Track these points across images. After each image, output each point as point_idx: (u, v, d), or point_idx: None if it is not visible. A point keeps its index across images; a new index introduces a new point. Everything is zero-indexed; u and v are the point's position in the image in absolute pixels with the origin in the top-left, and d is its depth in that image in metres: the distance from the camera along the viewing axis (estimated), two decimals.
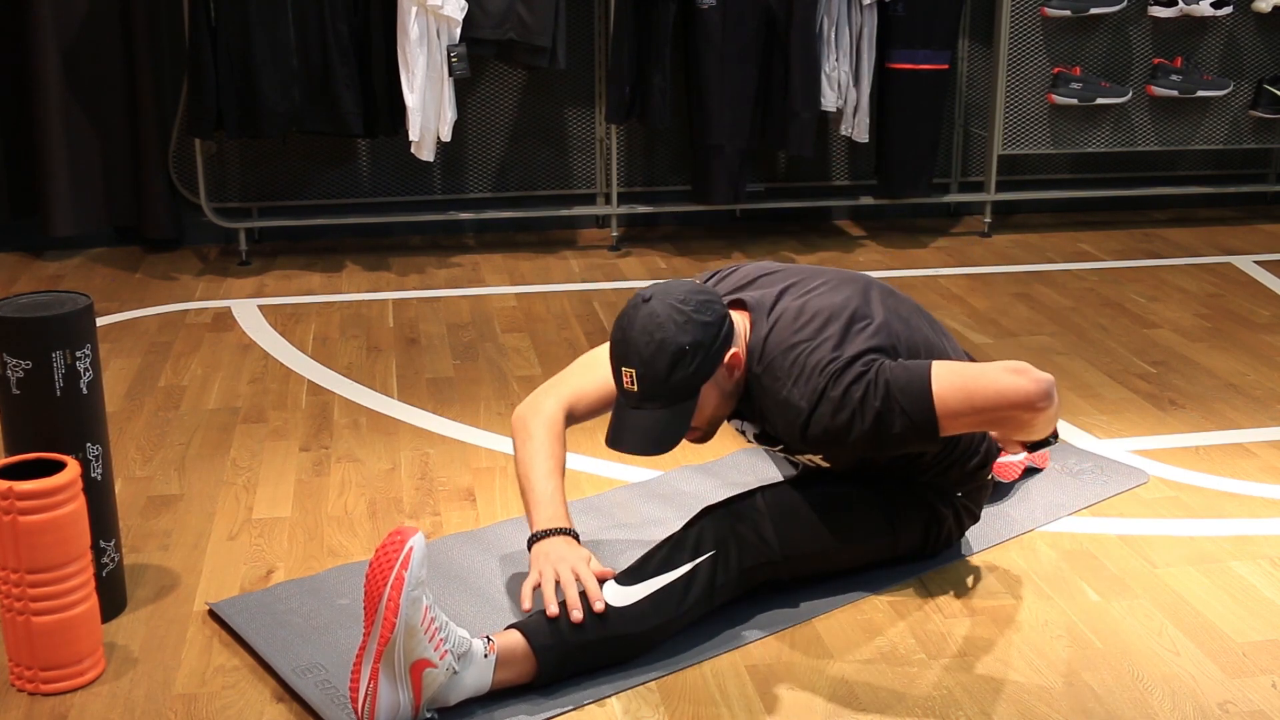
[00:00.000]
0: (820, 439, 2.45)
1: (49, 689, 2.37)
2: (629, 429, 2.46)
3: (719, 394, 2.50)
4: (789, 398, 2.46)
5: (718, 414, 2.54)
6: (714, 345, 2.43)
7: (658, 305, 2.41)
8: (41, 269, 5.06)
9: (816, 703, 2.36)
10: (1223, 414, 3.63)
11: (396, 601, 2.15)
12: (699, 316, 2.42)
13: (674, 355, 2.39)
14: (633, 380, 2.42)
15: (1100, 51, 5.64)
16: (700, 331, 2.41)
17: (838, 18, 5.10)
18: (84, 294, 2.54)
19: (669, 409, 2.43)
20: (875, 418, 2.40)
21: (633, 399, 2.45)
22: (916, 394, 2.38)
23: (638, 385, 2.42)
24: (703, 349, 2.41)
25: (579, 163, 5.58)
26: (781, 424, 2.50)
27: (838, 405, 2.41)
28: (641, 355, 2.40)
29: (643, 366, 2.40)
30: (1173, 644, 2.54)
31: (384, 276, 4.98)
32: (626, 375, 2.43)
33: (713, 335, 2.43)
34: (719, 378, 2.47)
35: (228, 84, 4.75)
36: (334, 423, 3.58)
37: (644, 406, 2.44)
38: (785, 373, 2.47)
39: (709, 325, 2.42)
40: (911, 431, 2.40)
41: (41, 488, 2.29)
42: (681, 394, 2.43)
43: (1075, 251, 5.33)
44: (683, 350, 2.39)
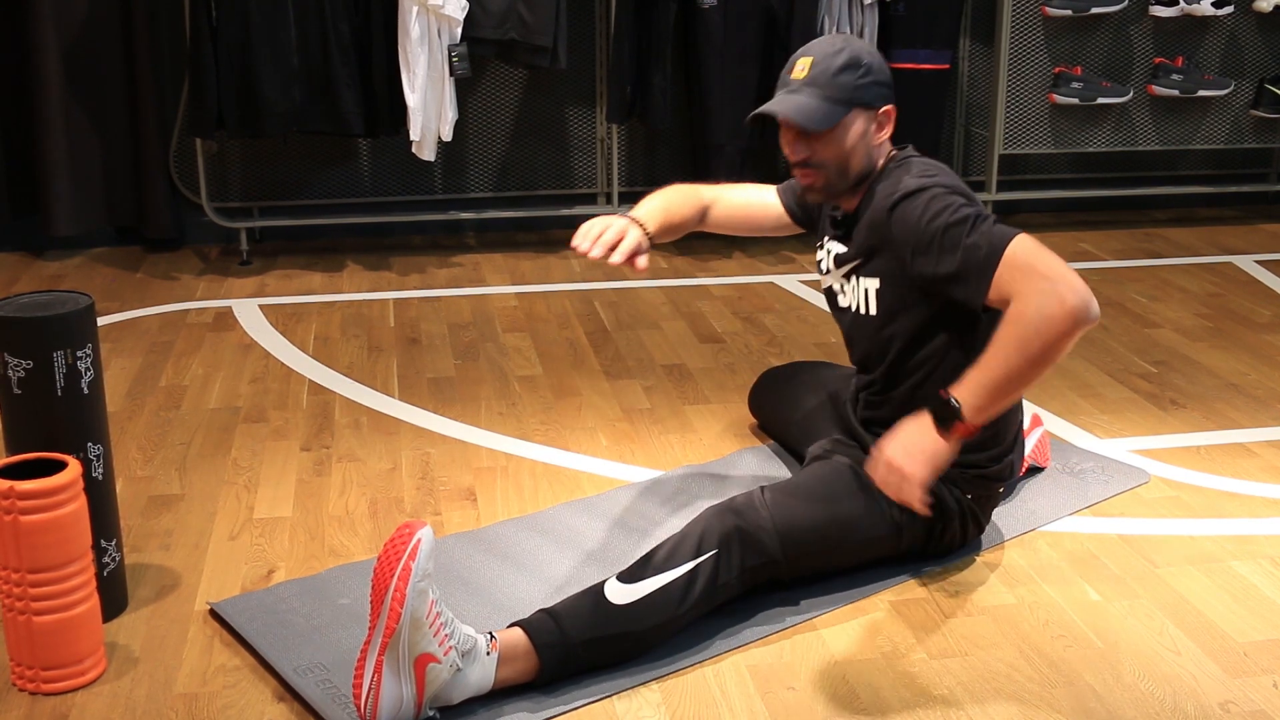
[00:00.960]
0: (901, 220, 2.57)
1: (50, 689, 2.37)
2: (780, 100, 2.65)
3: (862, 132, 2.66)
4: (897, 183, 2.62)
5: (851, 156, 2.67)
6: (882, 85, 2.67)
7: (855, 38, 2.72)
8: (42, 268, 5.06)
9: (817, 702, 2.36)
10: (1224, 414, 3.63)
11: (403, 593, 2.15)
12: (884, 65, 2.68)
13: (851, 59, 2.62)
14: (805, 68, 2.64)
15: (1101, 51, 5.64)
16: (879, 66, 2.66)
17: (839, 17, 5.10)
18: (85, 294, 2.54)
19: (824, 102, 2.61)
20: (958, 219, 2.49)
21: (794, 85, 2.65)
22: (1000, 229, 2.46)
23: (808, 72, 2.63)
24: (873, 75, 2.64)
25: (580, 162, 5.59)
26: (880, 201, 2.64)
27: (932, 197, 2.54)
28: (824, 49, 2.65)
29: (820, 57, 2.63)
30: (1174, 643, 2.54)
31: (385, 276, 4.98)
32: (801, 65, 2.66)
33: (885, 78, 2.67)
34: (871, 118, 2.66)
35: (228, 83, 4.75)
36: (335, 422, 3.58)
37: (802, 92, 2.63)
38: (903, 172, 2.65)
39: (886, 71, 2.68)
40: (977, 250, 2.45)
41: (43, 487, 2.29)
42: (841, 94, 2.62)
43: (1076, 251, 5.33)
44: (859, 61, 2.63)
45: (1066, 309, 2.32)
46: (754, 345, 4.17)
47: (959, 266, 2.47)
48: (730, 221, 3.14)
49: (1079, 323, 2.34)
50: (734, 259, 5.18)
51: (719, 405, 3.68)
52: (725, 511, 2.56)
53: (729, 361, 4.01)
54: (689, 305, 4.61)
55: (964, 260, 2.46)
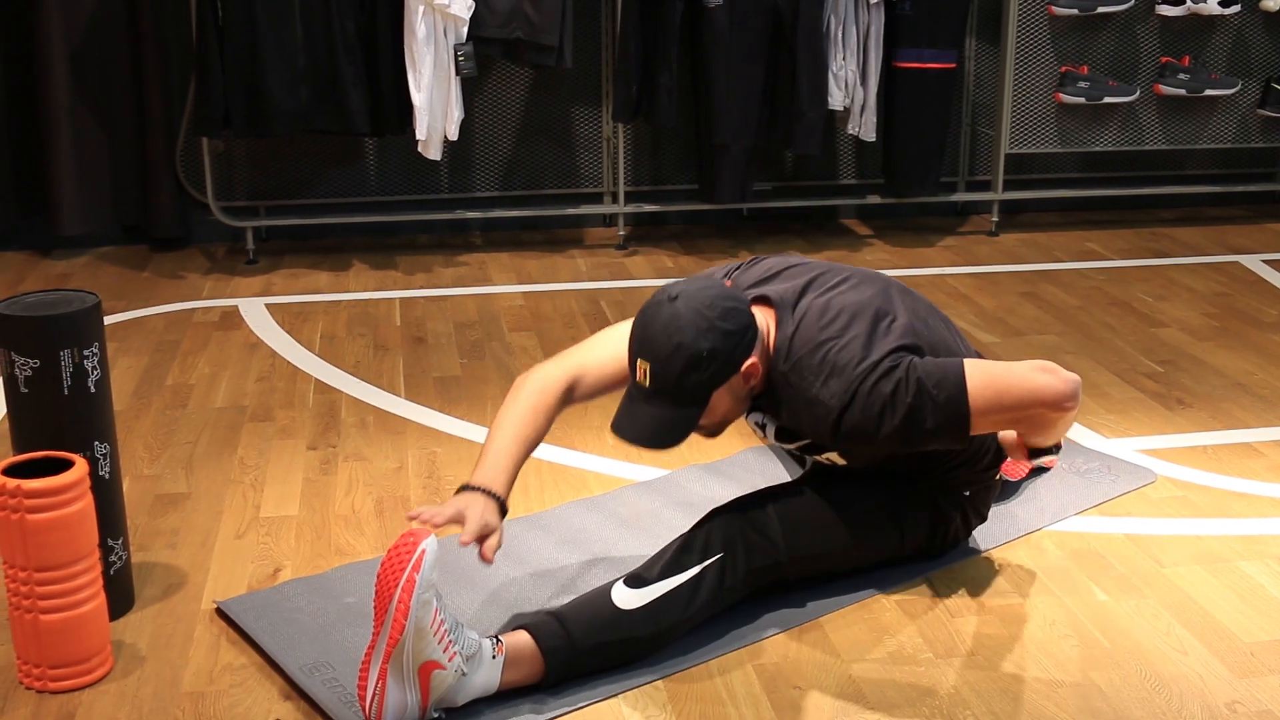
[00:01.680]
0: (851, 436, 2.46)
1: (57, 687, 2.38)
2: (635, 419, 2.46)
3: (731, 399, 2.49)
4: (819, 395, 2.46)
5: (728, 416, 2.54)
6: (733, 354, 2.42)
7: (682, 306, 2.40)
8: (49, 268, 5.07)
9: (824, 702, 2.36)
10: (1230, 413, 3.63)
11: (407, 604, 2.15)
12: (721, 324, 2.40)
13: (690, 360, 2.38)
14: (645, 375, 2.42)
15: (1108, 50, 5.63)
16: (720, 340, 2.40)
17: (845, 16, 5.10)
18: (91, 292, 2.54)
19: (677, 409, 2.43)
20: (907, 414, 2.40)
21: (643, 392, 2.45)
22: (950, 391, 2.39)
23: (650, 381, 2.42)
24: (720, 356, 2.40)
25: (586, 162, 5.58)
26: (810, 421, 2.50)
27: (869, 402, 2.41)
28: (658, 353, 2.40)
29: (657, 364, 2.40)
30: (1180, 643, 2.53)
31: (391, 275, 4.98)
32: (641, 368, 2.43)
33: (733, 344, 2.42)
34: (733, 384, 2.46)
35: (235, 83, 4.75)
36: (341, 421, 3.58)
37: (652, 402, 2.44)
38: (814, 371, 2.47)
39: (730, 334, 2.41)
40: (942, 428, 2.41)
41: (49, 486, 2.29)
42: (692, 398, 2.43)
43: (1082, 250, 5.32)
44: (699, 356, 2.38)
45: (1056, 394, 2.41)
46: None
47: (938, 439, 2.46)
48: (600, 391, 2.69)
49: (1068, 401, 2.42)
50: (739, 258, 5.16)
51: None
52: (730, 514, 2.56)
53: None
54: None
55: (931, 438, 2.45)
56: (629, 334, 2.49)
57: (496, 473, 2.46)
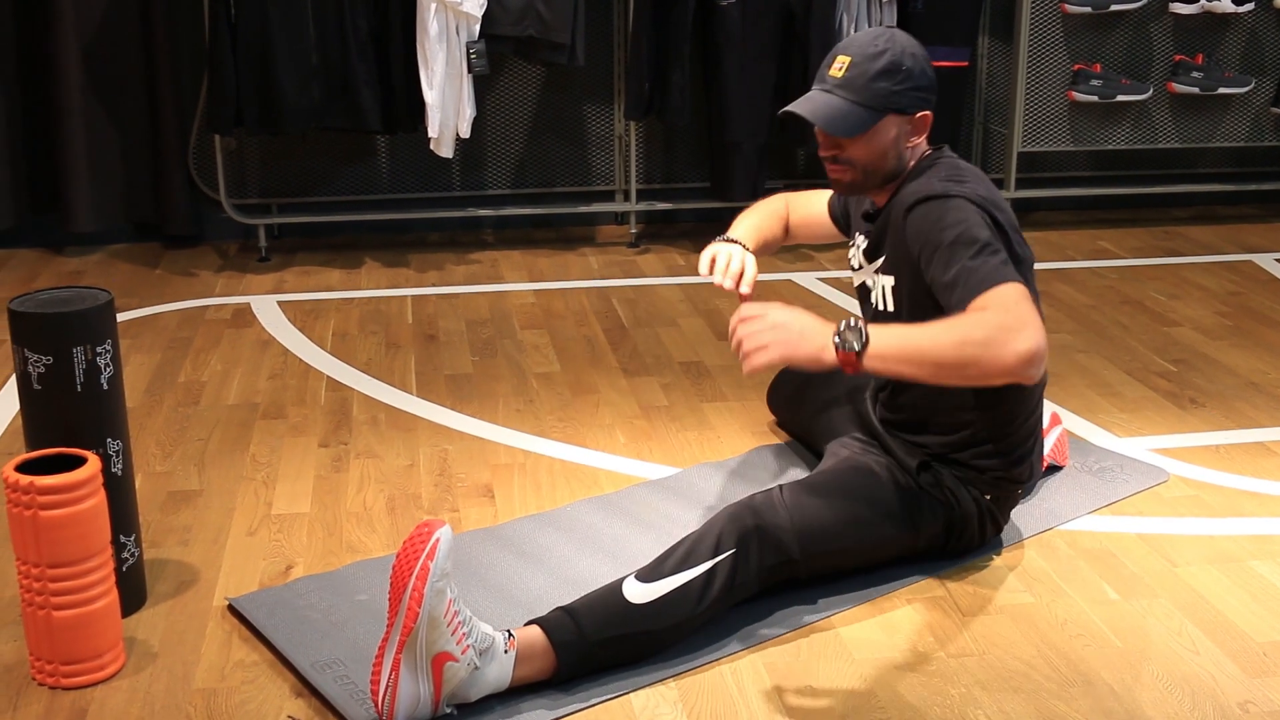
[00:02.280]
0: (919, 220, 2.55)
1: (69, 683, 2.38)
2: (811, 101, 2.62)
3: (896, 135, 2.63)
4: (932, 185, 2.59)
5: (882, 159, 2.65)
6: (922, 89, 2.62)
7: (898, 32, 2.65)
8: (62, 265, 5.08)
9: (835, 701, 2.36)
10: (1243, 413, 3.62)
11: (421, 592, 2.15)
12: (924, 64, 2.62)
13: (890, 64, 2.57)
14: (843, 67, 2.59)
15: (1121, 48, 5.62)
16: (920, 70, 2.60)
17: (857, 14, 5.09)
18: (104, 290, 2.54)
19: (856, 106, 2.58)
20: (968, 240, 2.45)
21: (831, 82, 2.61)
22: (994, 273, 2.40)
23: (844, 71, 2.59)
24: (912, 81, 2.58)
25: (598, 159, 5.59)
26: (907, 195, 2.61)
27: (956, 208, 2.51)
28: (865, 50, 2.59)
29: (860, 58, 2.59)
30: (1192, 643, 2.53)
31: (403, 273, 4.99)
32: (839, 63, 2.61)
33: (925, 82, 2.62)
34: (904, 125, 2.63)
35: (247, 80, 4.76)
36: (353, 419, 3.59)
37: (836, 93, 2.59)
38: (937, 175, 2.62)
39: (927, 74, 2.62)
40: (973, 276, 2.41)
41: (62, 483, 2.29)
42: (875, 100, 2.58)
43: (1095, 249, 5.31)
44: (899, 66, 2.57)
45: (1016, 349, 2.27)
46: None
47: (952, 278, 2.44)
48: (801, 233, 3.19)
49: (1017, 367, 2.28)
50: None
51: (736, 403, 3.68)
52: (743, 511, 2.56)
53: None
54: (706, 303, 4.61)
55: (958, 275, 2.43)
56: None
57: (746, 229, 2.98)
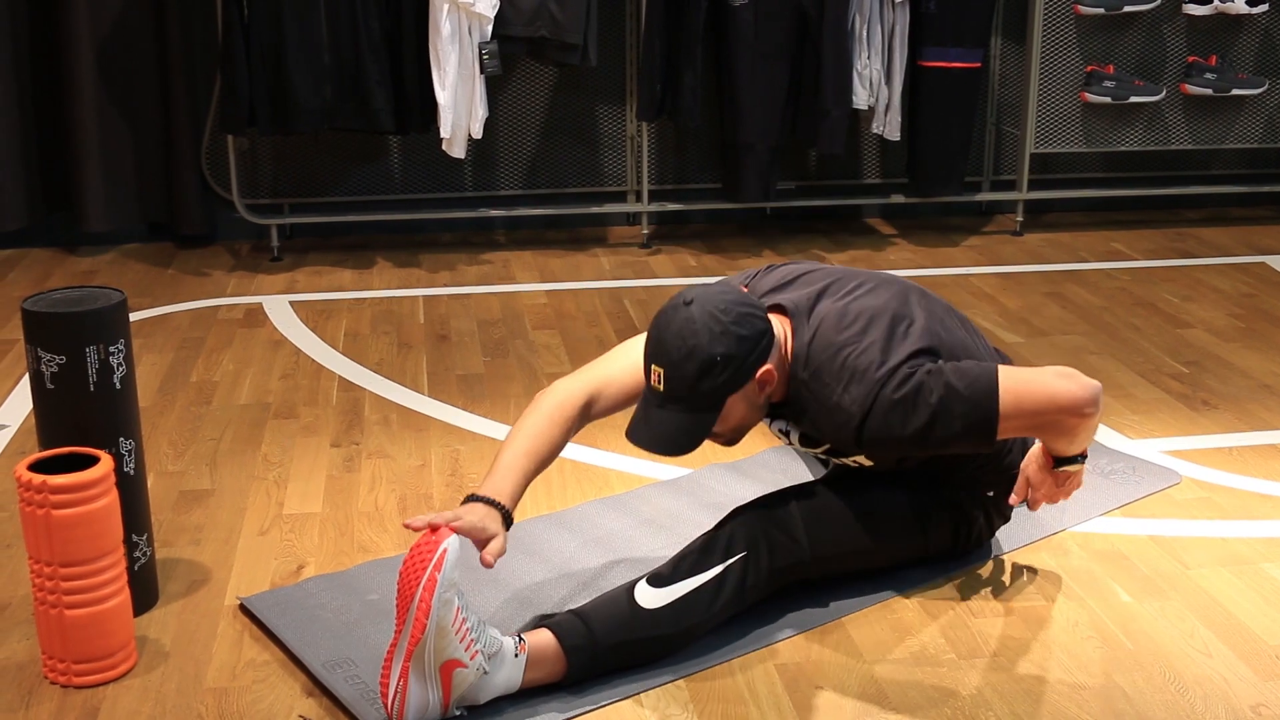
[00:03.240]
0: (874, 441, 2.44)
1: (81, 682, 2.39)
2: (649, 425, 2.45)
3: (747, 406, 2.48)
4: (840, 402, 2.44)
5: (744, 423, 2.53)
6: (748, 359, 2.41)
7: (697, 311, 2.39)
8: (75, 264, 5.09)
9: (846, 702, 2.36)
10: (1256, 414, 3.61)
11: (428, 603, 2.16)
12: (736, 329, 2.39)
13: (703, 364, 2.37)
14: (660, 380, 2.41)
15: (1134, 49, 5.61)
16: (735, 345, 2.39)
17: (870, 15, 5.09)
18: (117, 289, 2.55)
19: (691, 414, 2.42)
20: (931, 416, 2.39)
21: (657, 397, 2.44)
22: (981, 394, 2.38)
23: (664, 385, 2.41)
24: (734, 362, 2.39)
25: (610, 160, 5.59)
26: (832, 428, 2.48)
27: (892, 407, 2.40)
28: (671, 358, 2.39)
29: (671, 369, 2.39)
30: (1205, 646, 2.52)
31: (415, 273, 4.99)
32: (655, 373, 2.42)
33: (747, 349, 2.41)
34: (748, 391, 2.45)
35: (260, 81, 4.77)
36: (365, 419, 3.59)
37: (666, 407, 2.43)
38: (834, 377, 2.45)
39: (745, 339, 2.40)
40: (970, 430, 2.40)
41: (75, 482, 2.30)
42: (706, 403, 2.42)
43: (1108, 251, 5.30)
44: (713, 361, 2.37)
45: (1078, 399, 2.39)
46: None
47: (963, 441, 2.43)
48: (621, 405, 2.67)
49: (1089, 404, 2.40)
50: (763, 257, 5.17)
51: None
52: (753, 513, 2.56)
53: None
54: None
55: (955, 442, 2.43)
56: (645, 339, 2.48)
57: (503, 483, 2.42)
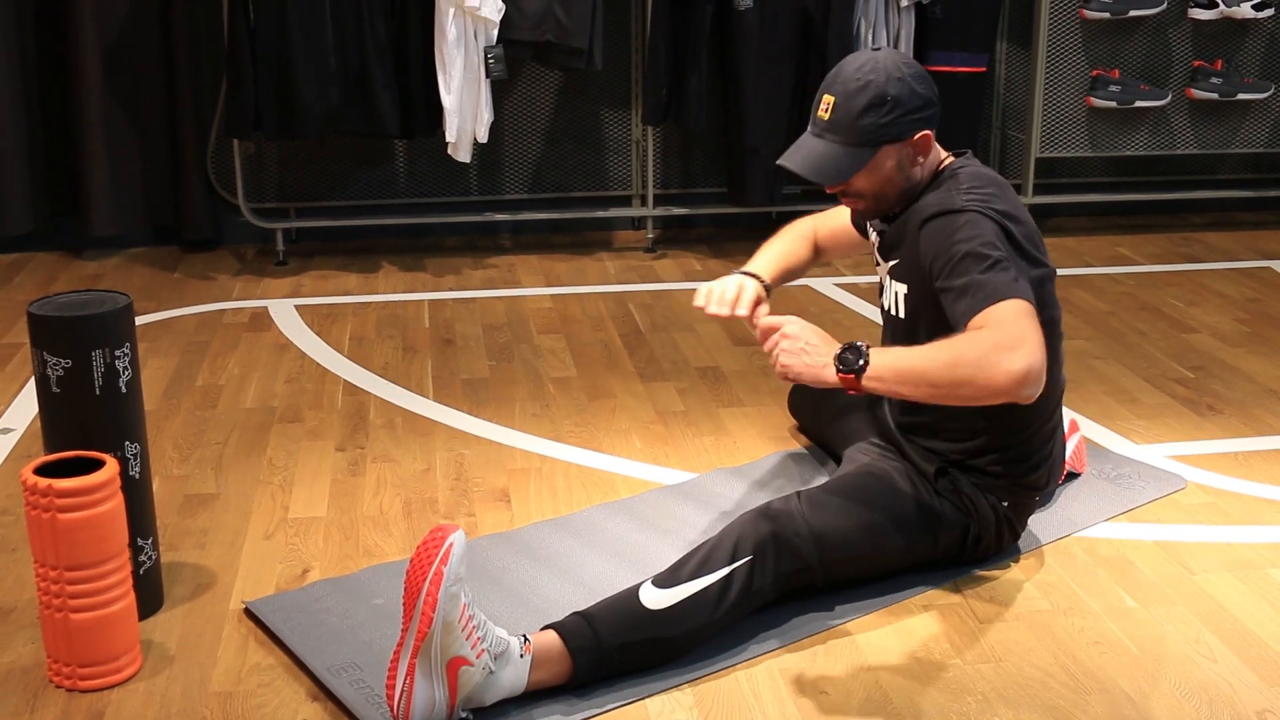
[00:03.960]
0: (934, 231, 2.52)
1: (86, 686, 2.39)
2: (802, 150, 2.58)
3: (896, 163, 2.58)
4: (950, 198, 2.54)
5: (888, 185, 2.61)
6: (915, 112, 2.54)
7: (884, 55, 2.54)
8: (81, 268, 5.10)
9: (851, 707, 2.35)
10: (1262, 419, 3.60)
11: (435, 597, 2.16)
12: (914, 83, 2.53)
13: (874, 98, 2.50)
14: (828, 108, 2.54)
15: (1139, 54, 5.60)
16: (909, 93, 2.52)
17: (875, 20, 5.09)
18: (123, 293, 2.55)
19: (847, 148, 2.52)
20: (980, 255, 2.42)
21: (819, 125, 2.56)
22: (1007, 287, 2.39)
23: (830, 113, 2.53)
24: (901, 108, 2.51)
25: (615, 164, 5.59)
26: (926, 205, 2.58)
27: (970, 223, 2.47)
28: (846, 86, 2.52)
29: (842, 97, 2.52)
30: (1210, 651, 2.52)
31: (420, 277, 5.00)
32: (825, 102, 2.55)
33: (918, 104, 2.55)
34: (904, 149, 2.56)
35: (265, 85, 4.77)
36: (370, 423, 3.59)
37: (825, 137, 2.54)
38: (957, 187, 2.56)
39: (918, 94, 2.55)
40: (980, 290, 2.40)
41: (80, 486, 2.30)
42: (864, 138, 2.52)
43: (1113, 255, 5.30)
44: (884, 98, 2.49)
45: (1007, 369, 2.29)
46: None
47: (957, 293, 2.45)
48: (831, 248, 3.16)
49: (1009, 386, 2.30)
50: None
51: (753, 408, 3.67)
52: (760, 517, 2.56)
53: (763, 364, 4.01)
54: None
55: (963, 289, 2.44)
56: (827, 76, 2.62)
57: (763, 262, 2.95)
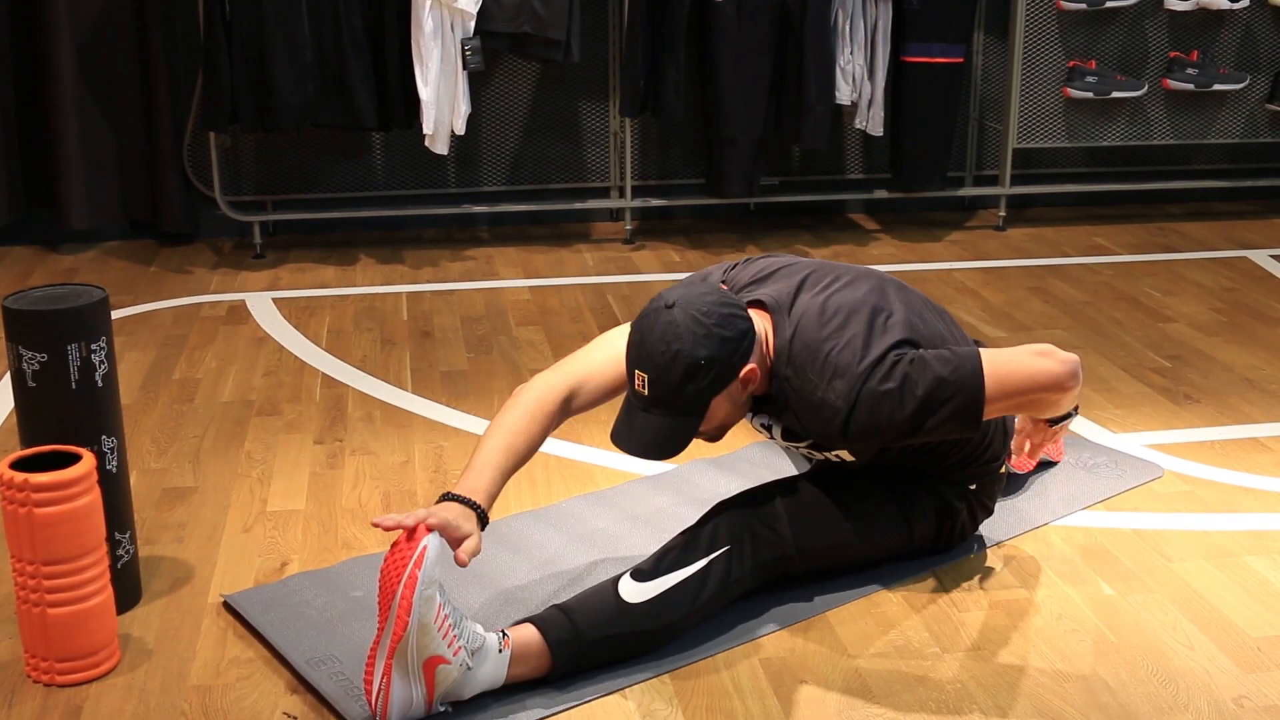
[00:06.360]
0: (860, 434, 2.44)
1: (64, 680, 2.38)
2: (635, 430, 2.44)
3: (730, 405, 2.48)
4: (825, 398, 2.44)
5: (727, 421, 2.52)
6: (731, 360, 2.41)
7: (679, 314, 2.38)
8: (56, 262, 5.07)
9: (830, 696, 2.36)
10: (1238, 408, 3.62)
11: (410, 601, 2.15)
12: (719, 331, 2.39)
13: (688, 368, 2.37)
14: (644, 385, 2.41)
15: (1116, 45, 5.62)
16: (718, 347, 2.38)
17: (852, 11, 5.09)
18: (99, 287, 2.54)
19: (676, 418, 2.42)
20: (918, 407, 2.39)
21: (642, 401, 2.43)
22: (965, 380, 2.39)
23: (648, 390, 2.40)
24: (718, 364, 2.39)
25: (593, 156, 5.58)
26: (817, 424, 2.48)
27: (876, 399, 2.40)
28: (656, 362, 2.38)
29: (655, 373, 2.38)
30: (1187, 638, 2.53)
31: (398, 270, 4.99)
32: (639, 378, 2.41)
33: (730, 350, 2.40)
34: (732, 390, 2.45)
35: (242, 78, 4.76)
36: (348, 415, 3.59)
37: (651, 411, 2.42)
38: (817, 373, 2.45)
39: (728, 340, 2.40)
40: (954, 418, 2.41)
41: (57, 480, 2.29)
42: (691, 406, 2.41)
43: (1090, 245, 5.32)
44: (698, 364, 2.37)
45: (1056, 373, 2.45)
46: None
47: (949, 427, 2.44)
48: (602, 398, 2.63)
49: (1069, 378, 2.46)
50: (746, 252, 5.17)
51: None
52: (738, 507, 2.56)
53: None
54: None
55: (940, 429, 2.43)
56: (627, 343, 2.47)
57: (479, 481, 2.37)
